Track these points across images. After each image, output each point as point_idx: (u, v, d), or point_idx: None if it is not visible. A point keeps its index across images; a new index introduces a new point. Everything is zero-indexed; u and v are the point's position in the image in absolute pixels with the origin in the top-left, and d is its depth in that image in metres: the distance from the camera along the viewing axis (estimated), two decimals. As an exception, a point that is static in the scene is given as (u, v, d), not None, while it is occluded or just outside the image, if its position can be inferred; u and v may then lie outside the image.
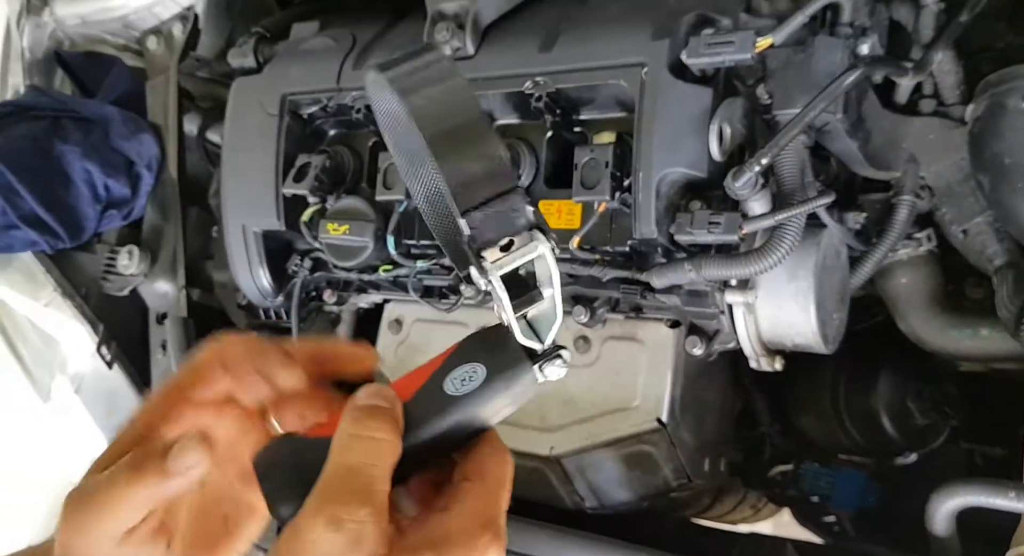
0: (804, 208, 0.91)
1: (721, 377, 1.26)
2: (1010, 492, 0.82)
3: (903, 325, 1.12)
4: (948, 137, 1.06)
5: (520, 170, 1.13)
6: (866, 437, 1.28)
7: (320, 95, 1.26)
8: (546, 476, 1.20)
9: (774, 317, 0.99)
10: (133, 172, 1.43)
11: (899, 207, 1.05)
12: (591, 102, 1.11)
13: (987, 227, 1.04)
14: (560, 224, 1.12)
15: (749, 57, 0.92)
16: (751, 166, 0.89)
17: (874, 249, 1.06)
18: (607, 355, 1.17)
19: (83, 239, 1.39)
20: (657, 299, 1.06)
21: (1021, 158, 0.94)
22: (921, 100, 1.10)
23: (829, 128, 0.97)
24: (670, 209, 1.00)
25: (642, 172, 0.99)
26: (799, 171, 0.93)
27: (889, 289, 1.13)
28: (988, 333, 1.04)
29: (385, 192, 1.20)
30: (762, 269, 0.91)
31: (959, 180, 1.05)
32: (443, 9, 1.16)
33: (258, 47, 1.37)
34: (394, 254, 1.20)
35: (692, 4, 1.03)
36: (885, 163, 1.07)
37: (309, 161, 1.26)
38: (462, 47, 1.14)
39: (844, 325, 1.07)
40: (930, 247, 1.11)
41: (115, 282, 1.41)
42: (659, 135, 0.98)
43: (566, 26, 1.10)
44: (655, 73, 0.99)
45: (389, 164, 1.20)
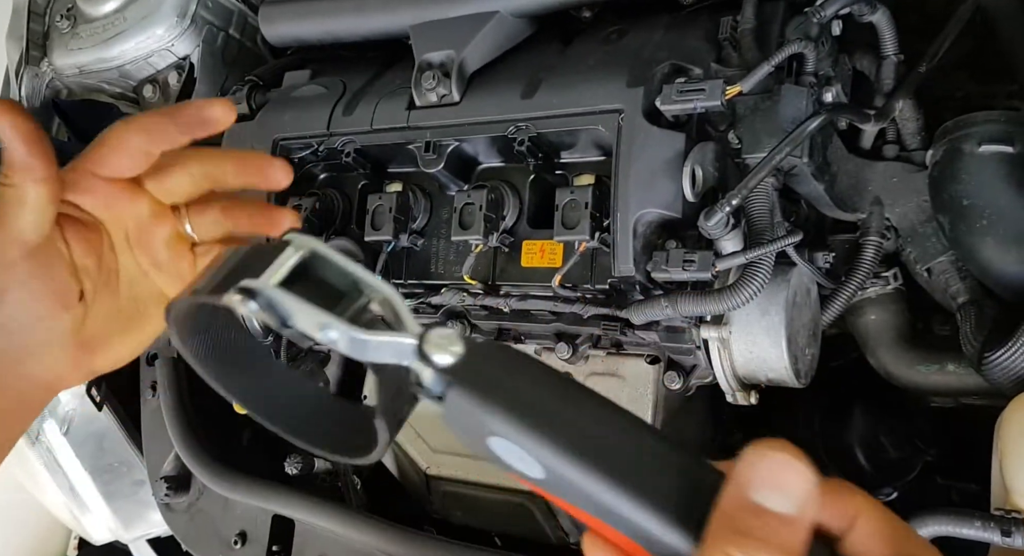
0: (773, 246, 0.95)
1: (700, 412, 1.29)
2: (976, 521, 0.84)
3: (873, 361, 1.16)
4: (911, 180, 1.12)
5: (504, 211, 1.18)
6: (840, 470, 1.31)
7: (311, 140, 1.31)
8: (530, 511, 1.22)
9: (747, 352, 1.02)
10: (127, 214, 1.46)
11: (866, 247, 1.10)
12: (571, 146, 1.16)
13: (950, 266, 1.08)
14: (543, 263, 1.16)
15: (719, 104, 0.97)
16: (722, 207, 0.93)
17: (843, 287, 1.11)
18: (589, 391, 1.20)
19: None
20: (637, 335, 1.10)
21: (978, 200, 0.99)
22: (884, 145, 1.16)
23: (796, 171, 1.02)
24: (647, 248, 1.04)
25: (620, 213, 1.03)
26: (768, 212, 0.98)
27: (859, 326, 1.17)
28: (954, 368, 1.08)
29: (373, 233, 1.24)
30: (735, 305, 0.95)
31: (922, 221, 1.10)
32: (430, 58, 1.21)
33: (251, 94, 1.42)
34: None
35: (666, 54, 1.08)
36: (852, 205, 1.12)
37: (300, 203, 1.29)
38: (448, 94, 1.19)
39: (816, 360, 1.11)
40: (897, 285, 1.15)
41: (106, 322, 1.43)
42: (635, 177, 1.02)
43: (547, 74, 1.15)
44: (631, 119, 1.04)
45: (377, 205, 1.24)
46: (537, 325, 1.19)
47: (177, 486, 1.32)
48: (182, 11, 1.52)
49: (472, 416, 0.42)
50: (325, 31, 1.40)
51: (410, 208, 1.25)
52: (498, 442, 0.41)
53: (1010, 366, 0.92)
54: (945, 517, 0.85)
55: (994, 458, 0.90)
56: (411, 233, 1.24)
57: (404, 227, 1.24)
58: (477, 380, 0.42)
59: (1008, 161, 0.98)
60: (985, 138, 0.99)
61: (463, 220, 1.17)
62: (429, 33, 1.24)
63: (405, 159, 1.27)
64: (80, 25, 1.62)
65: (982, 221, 0.98)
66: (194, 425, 1.30)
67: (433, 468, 1.29)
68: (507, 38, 1.24)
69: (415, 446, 1.31)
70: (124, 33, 1.55)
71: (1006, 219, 0.98)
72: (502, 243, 1.17)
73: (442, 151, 1.19)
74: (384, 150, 1.27)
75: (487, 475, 1.24)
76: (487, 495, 1.25)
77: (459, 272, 1.18)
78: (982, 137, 1.00)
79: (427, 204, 1.27)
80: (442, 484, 1.29)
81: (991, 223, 0.98)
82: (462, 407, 0.42)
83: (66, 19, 1.64)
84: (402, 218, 1.24)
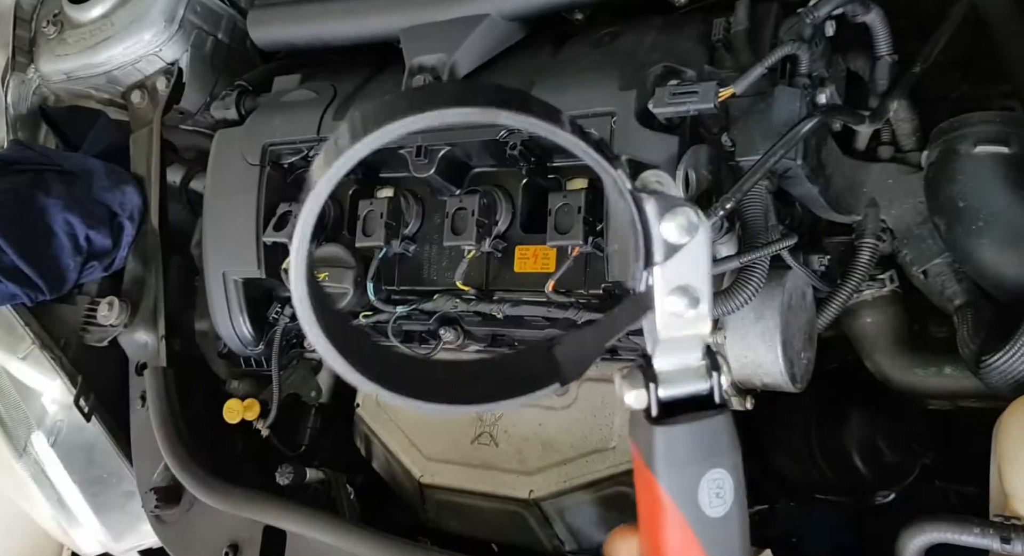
0: (767, 250, 0.94)
1: (697, 418, 1.27)
2: (975, 528, 0.83)
3: (869, 364, 1.15)
4: (906, 182, 1.11)
5: (497, 216, 1.16)
6: (838, 475, 1.30)
7: (301, 145, 1.30)
8: (525, 520, 1.20)
9: (742, 357, 1.01)
10: (115, 223, 1.45)
11: (861, 249, 1.09)
12: (564, 150, 1.14)
13: (946, 268, 1.07)
14: (536, 268, 1.15)
15: (712, 106, 0.96)
16: (716, 210, 0.92)
17: (839, 290, 1.10)
18: (585, 397, 1.19)
19: (64, 291, 1.40)
20: (631, 340, 1.08)
21: (974, 201, 0.98)
22: (879, 147, 1.15)
23: (791, 174, 1.01)
24: (641, 252, 1.02)
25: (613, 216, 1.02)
26: (762, 215, 0.97)
27: (855, 329, 1.16)
28: (951, 371, 1.07)
29: (364, 239, 1.22)
30: (729, 310, 0.94)
31: (918, 223, 1.09)
32: (422, 62, 1.20)
33: (240, 99, 1.41)
34: (374, 300, 1.22)
35: (659, 56, 1.07)
36: (847, 207, 1.11)
37: (290, 209, 1.28)
38: (439, 99, 1.18)
39: (812, 364, 1.10)
40: (893, 288, 1.14)
41: (95, 333, 1.41)
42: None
43: (539, 77, 1.14)
44: (624, 122, 1.03)
45: (368, 211, 1.23)
46: (531, 331, 1.18)
47: (167, 498, 1.30)
48: (170, 15, 1.51)
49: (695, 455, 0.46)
50: (314, 35, 1.38)
51: (402, 213, 1.24)
52: (716, 473, 0.45)
53: (1008, 370, 0.91)
54: (944, 524, 0.84)
55: (992, 463, 0.89)
56: (403, 239, 1.23)
57: (396, 233, 1.22)
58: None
59: (1004, 162, 0.98)
60: (981, 139, 0.99)
61: (455, 225, 1.15)
62: (420, 36, 1.23)
63: (397, 164, 1.25)
64: (67, 31, 1.60)
65: (978, 223, 0.97)
66: (183, 436, 1.28)
67: (427, 476, 1.28)
68: (499, 41, 1.23)
69: (408, 454, 1.30)
70: (111, 38, 1.54)
71: (1002, 220, 0.97)
72: (495, 248, 1.16)
73: (433, 156, 1.18)
74: (375, 155, 1.24)
75: (482, 483, 1.23)
76: (482, 504, 1.23)
77: (452, 278, 1.16)
78: (977, 138, 0.99)
79: (419, 209, 1.25)
80: (436, 493, 1.28)
81: (987, 225, 0.97)
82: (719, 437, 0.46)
83: (53, 25, 1.62)
84: (394, 224, 1.22)
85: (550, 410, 1.22)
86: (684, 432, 0.46)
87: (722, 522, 0.46)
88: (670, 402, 0.46)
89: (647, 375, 0.47)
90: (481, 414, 1.28)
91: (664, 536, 0.47)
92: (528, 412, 1.23)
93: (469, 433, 1.27)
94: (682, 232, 0.44)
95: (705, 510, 0.46)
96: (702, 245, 0.45)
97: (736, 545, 0.48)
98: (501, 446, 1.24)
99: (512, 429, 1.24)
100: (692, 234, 0.44)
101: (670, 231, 0.44)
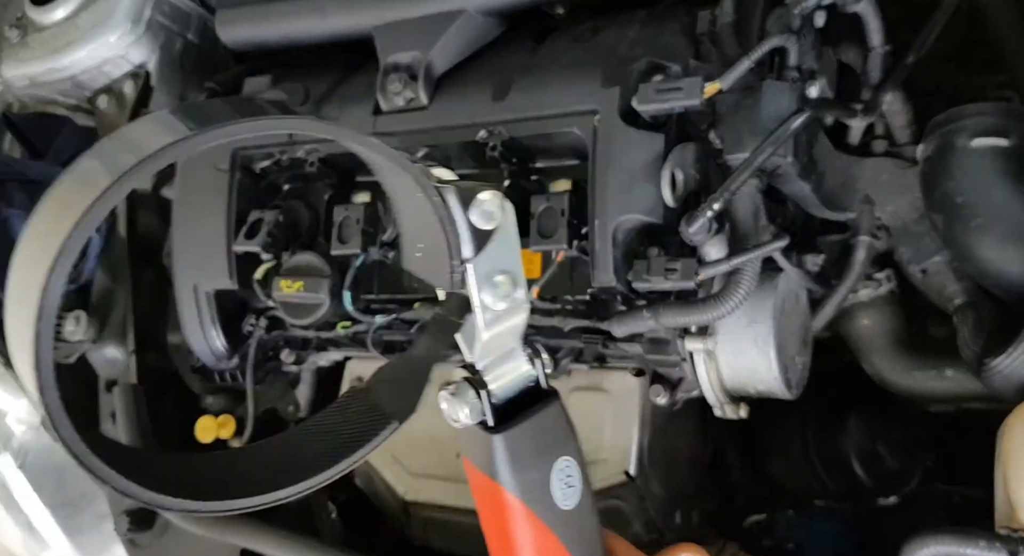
0: (758, 253, 0.90)
1: (690, 426, 1.23)
2: (980, 541, 0.79)
3: (867, 367, 1.11)
4: (901, 177, 1.07)
5: (477, 220, 1.12)
6: (837, 482, 1.26)
7: (272, 149, 1.25)
8: (513, 536, 1.16)
9: (735, 363, 0.97)
10: (82, 234, 1.39)
11: (857, 248, 1.04)
12: (546, 150, 1.10)
13: (945, 266, 1.03)
14: (519, 274, 1.10)
15: (698, 103, 0.91)
16: (703, 211, 0.88)
17: (834, 291, 1.05)
18: (573, 407, 1.12)
19: (28, 304, 1.34)
20: (620, 348, 1.04)
21: (972, 197, 0.94)
22: (873, 141, 1.11)
23: (781, 171, 0.97)
24: (628, 256, 0.98)
25: (598, 220, 0.97)
26: (752, 215, 0.93)
27: (851, 331, 1.12)
28: (953, 374, 1.03)
29: (340, 246, 1.18)
30: (720, 315, 0.89)
31: (915, 220, 1.05)
32: (396, 60, 1.16)
33: (210, 103, 1.35)
34: (351, 310, 1.17)
35: (642, 51, 1.03)
36: (840, 204, 1.07)
37: (261, 217, 1.23)
38: (415, 97, 1.13)
39: (808, 369, 1.05)
40: (891, 287, 1.10)
41: (61, 350, 1.36)
42: (613, 182, 0.97)
43: (519, 75, 1.09)
44: (607, 120, 0.98)
45: (344, 217, 1.18)
46: (515, 339, 1.13)
47: (140, 521, 1.25)
48: (136, 16, 1.46)
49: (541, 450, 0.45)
50: (283, 34, 1.33)
51: (379, 219, 1.19)
52: (564, 462, 0.45)
53: (1012, 372, 0.87)
54: (948, 536, 0.80)
55: (997, 471, 0.85)
56: (381, 245, 1.18)
57: (373, 239, 1.18)
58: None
59: (1002, 155, 0.93)
60: (978, 131, 0.94)
61: (434, 231, 1.10)
62: (393, 34, 1.18)
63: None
64: (31, 34, 1.54)
65: (977, 219, 0.93)
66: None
67: (411, 493, 1.23)
68: (476, 38, 1.18)
69: (391, 471, 1.25)
70: (76, 41, 1.49)
71: (1002, 216, 0.93)
72: (476, 254, 1.11)
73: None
74: (350, 158, 1.21)
75: (468, 500, 1.17)
76: (469, 521, 1.18)
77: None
78: (974, 130, 0.95)
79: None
80: (422, 510, 1.23)
81: (987, 221, 0.93)
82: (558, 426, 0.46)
83: (16, 29, 1.57)
84: (371, 230, 1.18)
85: (538, 421, 1.17)
86: (525, 431, 0.44)
87: (577, 512, 0.46)
88: (502, 405, 0.45)
89: (475, 384, 0.45)
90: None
91: (517, 538, 0.44)
92: (514, 423, 1.19)
93: (455, 448, 1.22)
94: (489, 218, 0.44)
95: (559, 505, 0.45)
96: (511, 226, 0.44)
97: (593, 532, 0.48)
98: (487, 459, 1.19)
99: (498, 441, 1.19)
100: (499, 218, 0.44)
101: (477, 218, 0.43)
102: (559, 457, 0.45)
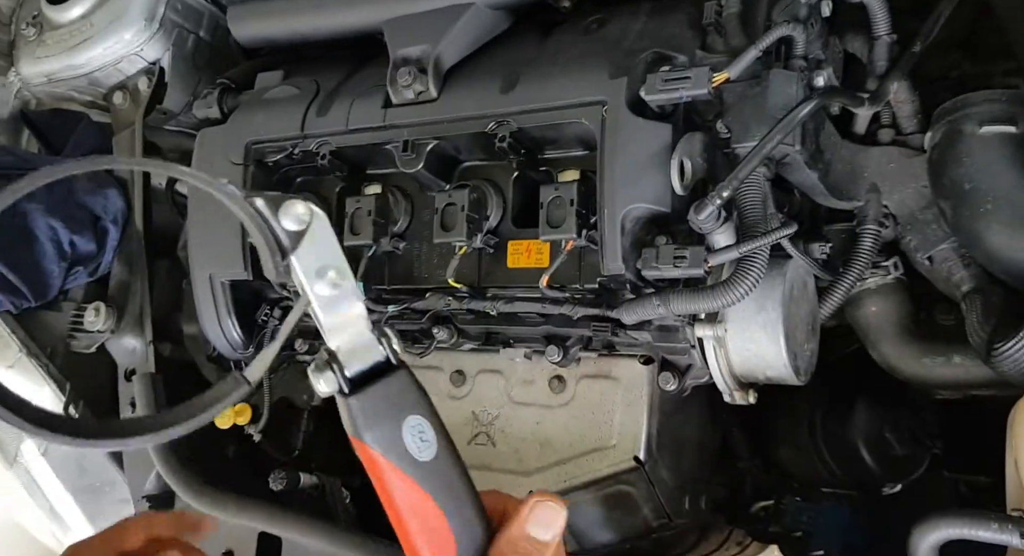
0: (767, 239, 0.91)
1: (698, 413, 1.24)
2: (992, 523, 0.80)
3: (875, 354, 1.11)
4: (908, 165, 1.07)
5: (487, 211, 1.13)
6: (845, 469, 1.27)
7: (285, 142, 1.26)
8: (527, 522, 1.17)
9: (744, 350, 0.98)
10: (99, 227, 1.42)
11: (863, 236, 1.05)
12: (554, 141, 1.12)
13: (952, 253, 1.04)
14: (530, 263, 1.12)
15: (706, 92, 0.92)
16: (712, 199, 0.89)
17: (841, 278, 1.06)
18: (582, 394, 1.16)
19: (49, 297, 1.37)
20: (629, 336, 1.06)
21: (981, 183, 0.94)
22: (879, 130, 1.11)
23: (788, 160, 0.97)
24: (636, 245, 0.99)
25: (607, 209, 0.99)
26: (761, 203, 0.94)
27: (859, 318, 1.12)
28: (961, 360, 1.04)
29: (352, 238, 1.19)
30: (729, 301, 0.90)
31: (922, 207, 1.06)
32: (406, 54, 1.17)
33: (222, 97, 1.37)
34: (364, 300, 1.19)
35: (648, 43, 1.04)
36: (847, 193, 1.08)
37: (275, 209, 1.25)
38: (425, 90, 1.15)
39: (816, 356, 1.06)
40: (898, 275, 1.11)
41: (82, 340, 1.39)
42: (621, 171, 0.98)
43: (527, 67, 1.11)
44: (615, 110, 0.99)
45: (356, 208, 1.20)
46: (526, 328, 1.15)
47: (160, 505, 1.28)
48: (150, 14, 1.47)
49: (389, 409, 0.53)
50: (294, 30, 1.35)
51: (390, 210, 1.21)
52: (414, 420, 0.53)
53: (1021, 357, 0.88)
54: (959, 519, 0.81)
55: (1008, 455, 0.86)
56: (392, 236, 1.20)
57: (384, 230, 1.19)
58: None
59: (1011, 142, 0.94)
60: (986, 118, 0.95)
61: (445, 221, 1.12)
62: (403, 28, 1.19)
63: (383, 160, 1.22)
64: (47, 32, 1.57)
65: (986, 205, 0.94)
66: (174, 442, 1.26)
67: (423, 479, 1.25)
68: (484, 31, 1.19)
69: (405, 457, 1.27)
70: (91, 39, 1.51)
71: (1011, 202, 0.93)
72: (486, 244, 1.13)
73: (421, 150, 1.14)
74: (361, 151, 1.23)
75: (480, 485, 1.19)
76: (480, 505, 1.20)
77: (443, 275, 1.13)
78: (982, 118, 0.96)
79: (408, 206, 1.22)
80: (433, 495, 1.25)
81: (995, 207, 0.94)
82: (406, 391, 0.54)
83: (32, 27, 1.59)
84: (382, 221, 1.19)
85: (547, 408, 1.19)
86: (373, 394, 0.52)
87: (434, 464, 0.53)
88: (358, 378, 0.52)
89: (332, 360, 0.52)
90: (477, 413, 1.25)
91: (390, 491, 0.52)
92: (526, 411, 1.20)
93: (465, 434, 1.24)
94: (299, 221, 0.50)
95: (415, 455, 0.52)
96: (323, 227, 0.51)
97: (455, 482, 0.55)
98: (499, 446, 1.21)
99: (509, 429, 1.21)
100: (308, 220, 0.51)
101: (288, 222, 0.50)
102: (409, 415, 0.53)
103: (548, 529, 0.56)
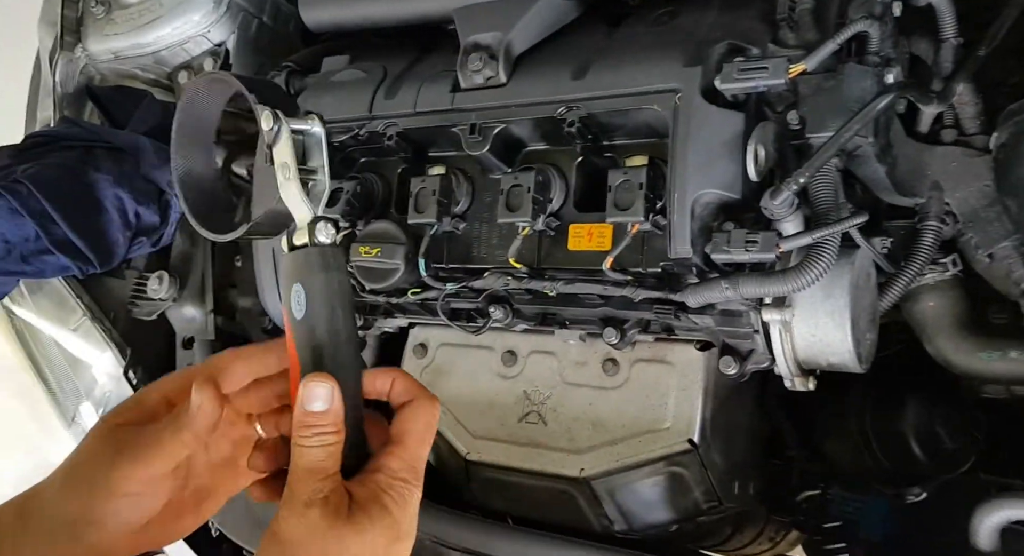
0: (841, 226, 0.93)
1: (750, 400, 1.26)
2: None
3: (931, 348, 1.14)
4: (970, 165, 1.10)
5: (551, 194, 1.16)
6: (893, 461, 1.28)
7: (352, 123, 1.29)
8: (574, 498, 1.20)
9: (810, 335, 1.00)
10: (163, 200, 1.45)
11: (925, 232, 1.08)
12: (621, 127, 1.14)
13: (1013, 251, 1.06)
14: (591, 246, 1.14)
15: (783, 82, 0.95)
16: (789, 185, 0.91)
17: (902, 273, 1.08)
18: (636, 377, 1.18)
19: (113, 265, 1.40)
20: (690, 320, 1.08)
21: (1046, 182, 0.97)
22: (942, 130, 1.14)
23: (860, 152, 1.00)
24: (704, 230, 1.02)
25: (677, 193, 1.01)
26: (833, 192, 0.96)
27: (916, 313, 1.15)
28: (1018, 355, 1.06)
29: (417, 216, 1.22)
30: (800, 286, 0.93)
31: (984, 206, 1.08)
32: (477, 40, 1.20)
33: (289, 79, 1.40)
34: (425, 276, 1.21)
35: (721, 34, 1.06)
36: (910, 189, 1.10)
37: (341, 186, 1.28)
38: (495, 76, 1.17)
39: (875, 346, 1.09)
40: (956, 271, 1.13)
41: (144, 307, 1.42)
42: (694, 158, 1.00)
43: (597, 56, 1.13)
44: (689, 98, 1.02)
45: (421, 188, 1.22)
46: (583, 310, 1.17)
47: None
48: (218, -3, 1.51)
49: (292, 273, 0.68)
50: (364, 16, 1.38)
51: (452, 191, 1.23)
52: (297, 287, 0.66)
53: (1080, 352, 0.90)
54: (1020, 501, 0.82)
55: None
56: (453, 216, 1.23)
57: (447, 210, 1.22)
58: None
59: (1076, 143, 0.96)
60: (1052, 119, 0.97)
61: (510, 202, 1.15)
62: (474, 15, 1.22)
63: (446, 143, 1.25)
64: (115, 11, 1.61)
65: (1050, 203, 0.96)
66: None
67: (474, 454, 1.27)
68: (554, 20, 1.22)
69: (454, 432, 1.29)
70: (160, 19, 1.55)
71: (1074, 201, 0.96)
72: (548, 226, 1.15)
73: (487, 134, 1.17)
74: (426, 133, 1.26)
75: (530, 461, 1.22)
76: (529, 482, 1.23)
77: (503, 256, 1.16)
78: (1048, 119, 0.98)
79: (469, 188, 1.25)
80: (483, 470, 1.27)
81: (1060, 205, 0.96)
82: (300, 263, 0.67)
83: (101, 4, 1.63)
84: (445, 201, 1.22)
85: (600, 390, 1.21)
86: (291, 257, 0.68)
87: (303, 322, 0.66)
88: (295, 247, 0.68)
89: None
90: (528, 393, 1.27)
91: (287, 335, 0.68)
92: (578, 392, 1.23)
93: (516, 412, 1.27)
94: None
95: (295, 314, 0.66)
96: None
97: (319, 338, 0.66)
98: (550, 425, 1.23)
99: (561, 409, 1.23)
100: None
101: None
102: (296, 282, 0.66)
103: (319, 400, 0.64)
